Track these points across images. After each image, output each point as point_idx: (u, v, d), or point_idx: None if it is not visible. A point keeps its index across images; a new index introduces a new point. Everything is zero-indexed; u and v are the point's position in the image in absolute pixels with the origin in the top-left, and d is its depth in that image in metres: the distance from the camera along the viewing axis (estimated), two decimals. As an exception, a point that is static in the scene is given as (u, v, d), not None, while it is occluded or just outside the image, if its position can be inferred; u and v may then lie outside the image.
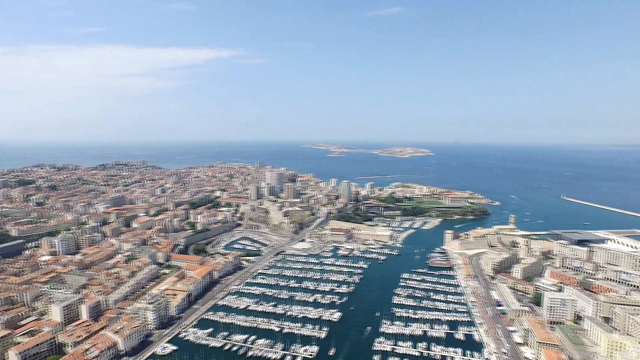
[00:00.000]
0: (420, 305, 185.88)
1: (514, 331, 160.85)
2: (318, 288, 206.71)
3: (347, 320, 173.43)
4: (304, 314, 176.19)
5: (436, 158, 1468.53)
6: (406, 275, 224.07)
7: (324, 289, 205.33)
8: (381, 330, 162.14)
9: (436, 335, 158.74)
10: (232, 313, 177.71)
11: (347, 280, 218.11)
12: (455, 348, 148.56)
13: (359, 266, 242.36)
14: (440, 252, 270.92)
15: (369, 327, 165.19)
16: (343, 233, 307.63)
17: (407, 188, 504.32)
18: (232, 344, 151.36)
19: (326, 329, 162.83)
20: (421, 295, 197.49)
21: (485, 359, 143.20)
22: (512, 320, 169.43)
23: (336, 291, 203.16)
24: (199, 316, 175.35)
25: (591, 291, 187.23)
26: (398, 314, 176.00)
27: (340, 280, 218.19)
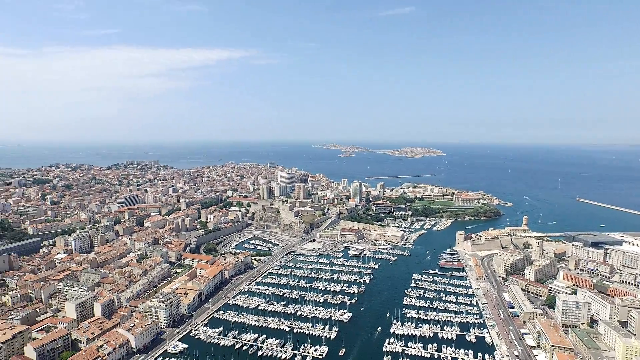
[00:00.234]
0: (431, 306, 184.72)
1: (527, 334, 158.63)
2: (328, 288, 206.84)
3: (358, 320, 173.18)
4: (314, 314, 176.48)
5: (447, 158, 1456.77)
6: (417, 276, 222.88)
7: (335, 289, 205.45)
8: (391, 331, 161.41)
9: (447, 336, 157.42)
10: (243, 312, 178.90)
11: (358, 280, 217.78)
12: (466, 350, 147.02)
13: (370, 267, 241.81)
14: (451, 253, 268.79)
15: (379, 328, 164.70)
16: (354, 233, 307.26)
17: (419, 188, 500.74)
18: (243, 343, 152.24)
19: (336, 329, 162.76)
20: (432, 296, 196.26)
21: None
22: (525, 322, 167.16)
23: (346, 291, 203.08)
24: (210, 315, 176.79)
25: (607, 294, 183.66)
26: (409, 315, 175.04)
27: (350, 280, 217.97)
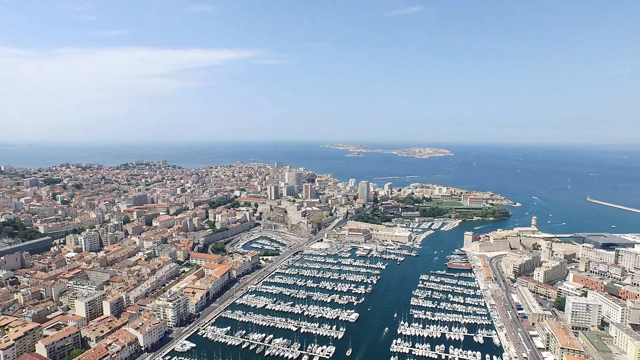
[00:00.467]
0: (438, 307, 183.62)
1: (535, 335, 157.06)
2: (336, 288, 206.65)
3: (365, 321, 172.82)
4: (322, 314, 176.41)
5: (455, 158, 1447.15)
6: (425, 276, 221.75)
7: (342, 290, 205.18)
8: (399, 331, 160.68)
9: (455, 337, 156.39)
10: (250, 312, 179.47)
11: (365, 280, 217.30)
12: (474, 351, 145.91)
13: (377, 267, 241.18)
14: (459, 254, 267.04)
15: (387, 328, 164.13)
16: (361, 233, 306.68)
17: (426, 189, 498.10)
18: (250, 343, 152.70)
19: (343, 330, 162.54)
20: (440, 297, 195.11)
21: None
22: (534, 324, 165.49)
23: (354, 292, 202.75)
24: (218, 314, 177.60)
25: (618, 297, 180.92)
26: (416, 316, 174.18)
27: (358, 280, 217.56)
